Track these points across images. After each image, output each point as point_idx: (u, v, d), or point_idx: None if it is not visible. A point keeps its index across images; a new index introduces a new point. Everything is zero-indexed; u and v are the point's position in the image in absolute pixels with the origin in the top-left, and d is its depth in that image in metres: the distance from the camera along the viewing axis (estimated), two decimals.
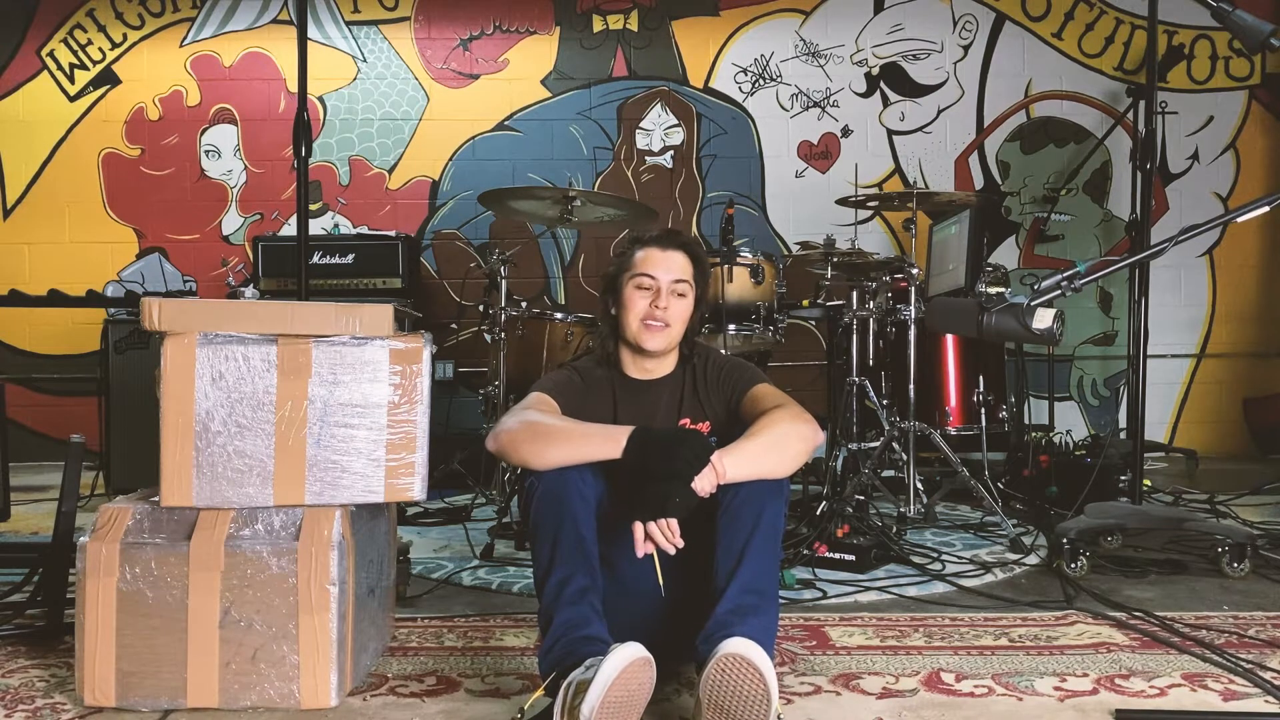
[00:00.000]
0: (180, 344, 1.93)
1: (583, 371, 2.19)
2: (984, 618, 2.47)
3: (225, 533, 1.90)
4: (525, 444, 1.91)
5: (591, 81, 5.48)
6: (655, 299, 2.11)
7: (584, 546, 1.85)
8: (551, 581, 1.82)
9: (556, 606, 1.80)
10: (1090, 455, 3.79)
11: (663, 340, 2.12)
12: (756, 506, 1.87)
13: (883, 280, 3.86)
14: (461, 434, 4.54)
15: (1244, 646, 2.23)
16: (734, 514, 1.86)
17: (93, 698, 1.88)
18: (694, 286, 2.15)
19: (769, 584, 1.86)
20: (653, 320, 2.10)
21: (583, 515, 1.87)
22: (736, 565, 1.83)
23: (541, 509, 1.88)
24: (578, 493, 1.88)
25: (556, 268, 5.49)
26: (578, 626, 1.77)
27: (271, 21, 5.42)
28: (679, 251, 2.16)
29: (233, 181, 5.42)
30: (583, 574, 1.83)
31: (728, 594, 1.81)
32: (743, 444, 1.90)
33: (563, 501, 1.87)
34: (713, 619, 1.79)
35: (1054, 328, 1.98)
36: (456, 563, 3.07)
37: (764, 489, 1.88)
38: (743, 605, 1.79)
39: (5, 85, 5.38)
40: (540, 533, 1.88)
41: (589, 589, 1.82)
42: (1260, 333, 5.62)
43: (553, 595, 1.81)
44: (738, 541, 1.85)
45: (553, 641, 1.77)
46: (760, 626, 1.77)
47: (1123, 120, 5.40)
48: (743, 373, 2.15)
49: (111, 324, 4.17)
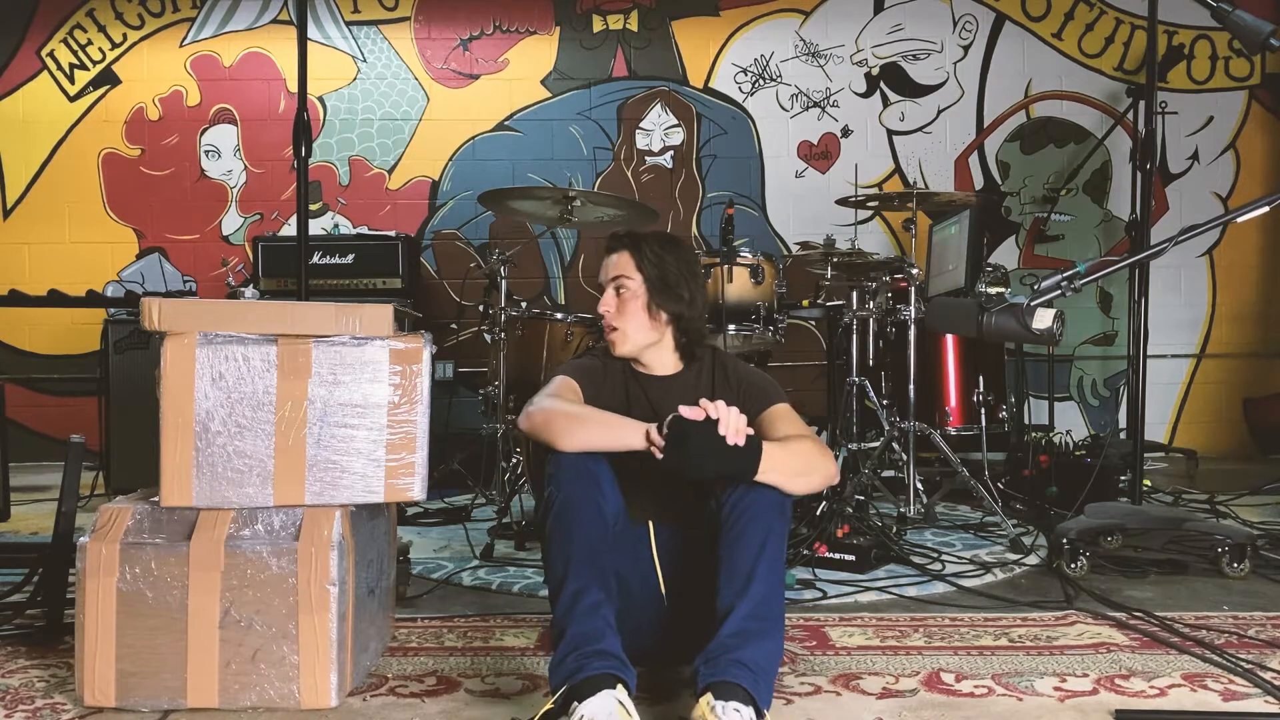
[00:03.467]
0: (180, 344, 1.93)
1: (604, 359, 2.22)
2: (984, 618, 2.47)
3: (225, 533, 1.90)
4: (558, 423, 1.93)
5: (591, 81, 5.48)
6: (600, 304, 2.17)
7: (599, 560, 1.84)
8: (566, 593, 1.80)
9: (570, 619, 1.78)
10: (1090, 455, 3.79)
11: (619, 342, 2.17)
12: (763, 528, 1.86)
13: (883, 280, 3.86)
14: (461, 434, 4.53)
15: (1244, 646, 2.22)
16: (740, 532, 1.85)
17: (93, 698, 1.88)
18: (638, 276, 2.15)
19: (775, 608, 1.84)
20: (606, 327, 2.17)
21: (599, 529, 1.87)
22: (744, 587, 1.81)
23: (559, 520, 1.87)
24: (596, 506, 1.88)
25: (556, 268, 5.49)
26: (590, 640, 1.74)
27: (271, 21, 5.42)
28: (616, 251, 2.19)
29: (233, 181, 5.42)
30: (597, 587, 1.81)
31: (732, 617, 1.79)
32: (778, 447, 1.92)
33: (580, 514, 1.86)
34: (716, 640, 1.76)
35: (1054, 328, 1.97)
36: (456, 563, 3.07)
37: (770, 510, 1.88)
38: (747, 630, 1.76)
39: (5, 85, 5.38)
40: (555, 544, 1.87)
41: (603, 603, 1.80)
42: (1260, 333, 5.62)
43: (566, 607, 1.79)
44: (744, 563, 1.83)
45: (565, 653, 1.74)
46: (764, 652, 1.76)
47: (1123, 120, 5.40)
48: (768, 387, 2.16)
49: (111, 324, 4.17)
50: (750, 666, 1.71)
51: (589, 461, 1.93)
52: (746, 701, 1.66)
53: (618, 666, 1.71)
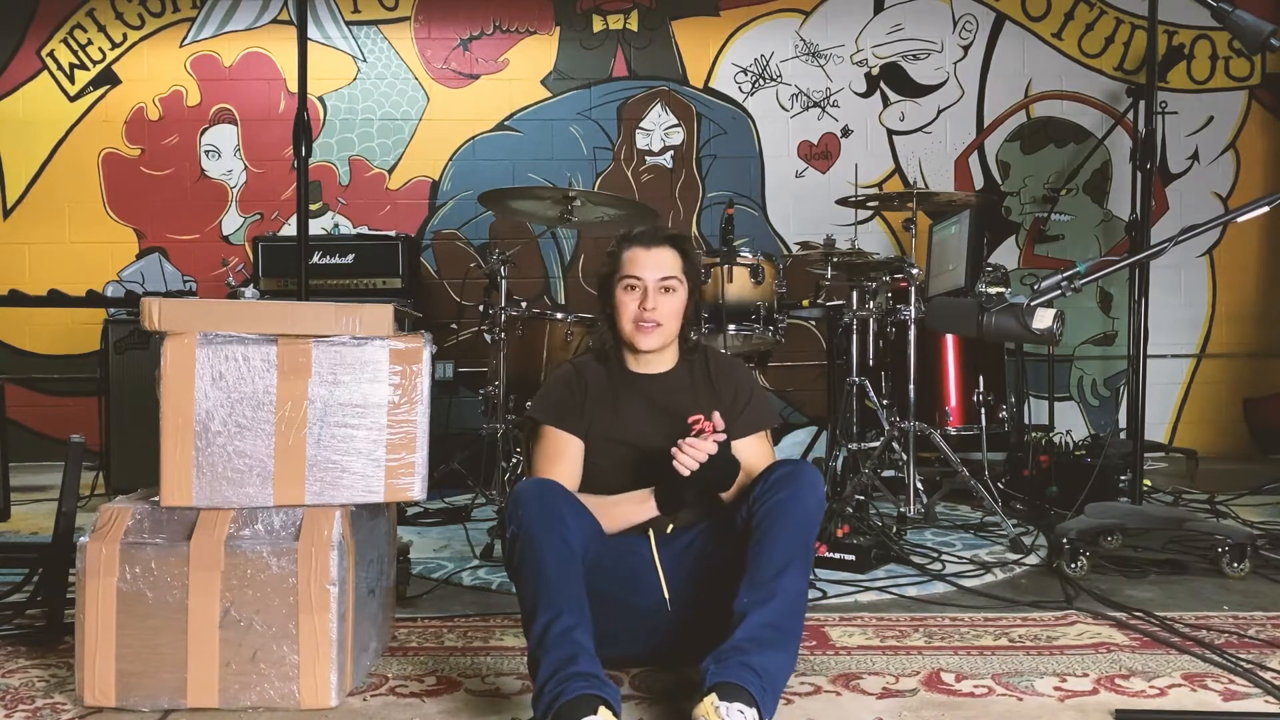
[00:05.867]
0: (180, 344, 1.93)
1: (581, 368, 2.22)
2: (984, 618, 2.47)
3: (225, 533, 1.90)
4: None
5: (591, 81, 5.48)
6: (643, 300, 2.14)
7: (568, 588, 1.82)
8: (537, 625, 1.79)
9: (544, 649, 1.76)
10: (1090, 455, 3.79)
11: (656, 339, 2.15)
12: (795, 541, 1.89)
13: (883, 280, 3.86)
14: (461, 434, 4.53)
15: (1244, 646, 2.22)
16: (771, 542, 1.88)
17: (93, 698, 1.88)
18: (684, 280, 2.17)
19: (793, 624, 1.84)
20: (643, 321, 2.13)
21: (566, 558, 1.85)
22: (766, 597, 1.82)
23: (524, 556, 1.87)
24: (559, 538, 1.86)
25: (556, 268, 5.49)
26: (566, 664, 1.72)
27: (271, 21, 5.42)
28: (664, 248, 2.18)
29: (233, 181, 5.42)
30: (568, 613, 1.79)
31: (749, 622, 1.79)
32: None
33: (544, 547, 1.85)
34: (730, 641, 1.76)
35: (1054, 328, 1.97)
36: (456, 563, 3.07)
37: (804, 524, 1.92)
38: (761, 638, 1.76)
39: (5, 85, 5.38)
40: (523, 579, 1.87)
41: (575, 626, 1.78)
42: (1260, 333, 5.62)
43: (539, 638, 1.78)
44: (769, 572, 1.85)
45: (543, 682, 1.72)
46: (776, 663, 1.76)
47: (1123, 120, 5.40)
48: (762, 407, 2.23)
49: (111, 324, 4.16)
50: (759, 673, 1.70)
51: (548, 494, 1.93)
52: (750, 704, 1.65)
53: (597, 685, 1.69)
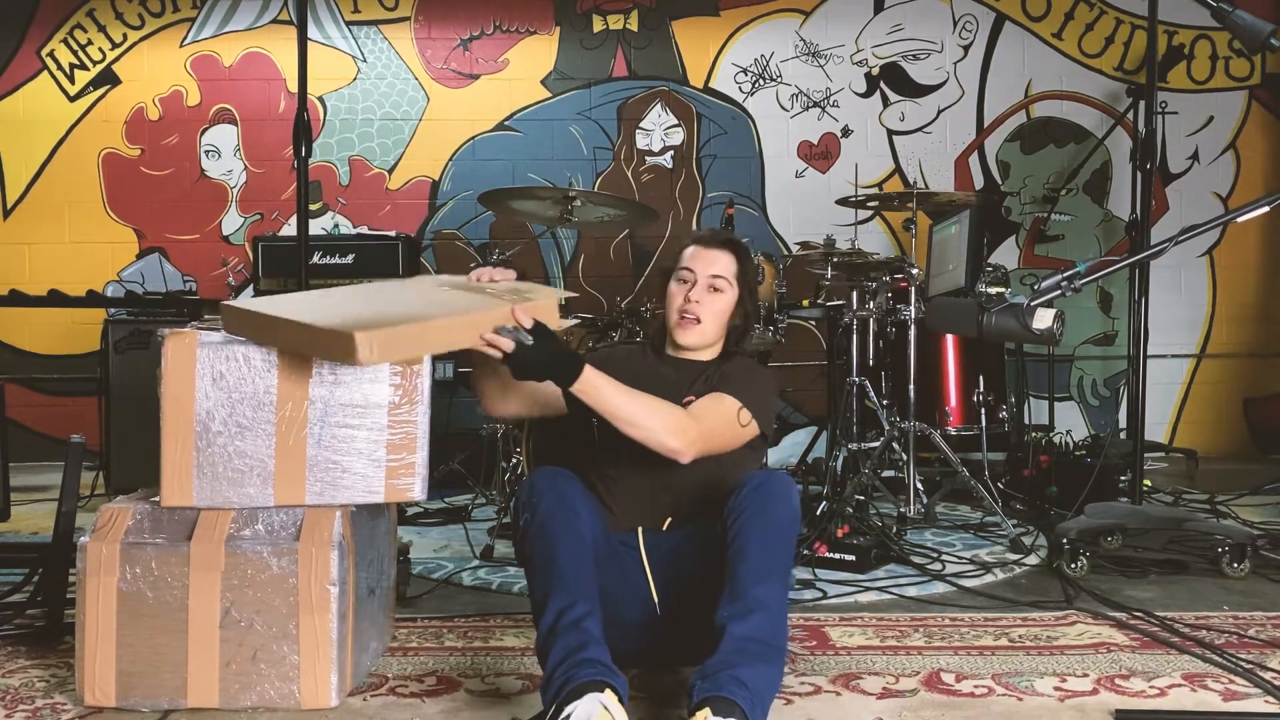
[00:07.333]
0: (181, 343, 1.93)
1: (633, 348, 2.36)
2: (984, 618, 2.47)
3: (225, 533, 1.90)
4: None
5: (591, 81, 5.48)
6: (689, 291, 2.16)
7: (581, 577, 1.83)
8: (549, 612, 1.80)
9: (555, 636, 1.77)
10: (1090, 455, 3.79)
11: (695, 335, 2.17)
12: (771, 546, 1.85)
13: (883, 280, 3.86)
14: (461, 434, 4.52)
15: (1244, 646, 2.23)
16: (746, 548, 1.84)
17: (93, 698, 1.88)
18: (735, 284, 2.19)
19: (778, 636, 1.82)
20: (685, 313, 2.16)
21: (579, 547, 1.86)
22: (748, 610, 1.79)
23: (537, 543, 1.87)
24: (572, 527, 1.88)
25: (556, 268, 5.49)
26: (577, 650, 1.73)
27: (271, 21, 5.42)
28: (722, 250, 2.21)
29: (233, 181, 5.42)
30: (581, 601, 1.80)
31: (734, 635, 1.76)
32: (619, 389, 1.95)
33: (558, 535, 1.86)
34: (716, 656, 1.74)
35: (1054, 328, 1.97)
36: (456, 563, 3.07)
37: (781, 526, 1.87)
38: (748, 651, 1.75)
39: (5, 85, 5.38)
40: (536, 567, 1.87)
41: (587, 614, 1.79)
42: (1260, 333, 5.62)
43: (550, 625, 1.79)
44: (748, 582, 1.81)
45: (553, 669, 1.73)
46: (764, 677, 1.74)
47: (1123, 120, 5.39)
48: (736, 381, 2.15)
49: (111, 324, 4.16)
50: (749, 687, 1.69)
51: (562, 484, 1.94)
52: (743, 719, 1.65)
53: (605, 673, 1.69)
